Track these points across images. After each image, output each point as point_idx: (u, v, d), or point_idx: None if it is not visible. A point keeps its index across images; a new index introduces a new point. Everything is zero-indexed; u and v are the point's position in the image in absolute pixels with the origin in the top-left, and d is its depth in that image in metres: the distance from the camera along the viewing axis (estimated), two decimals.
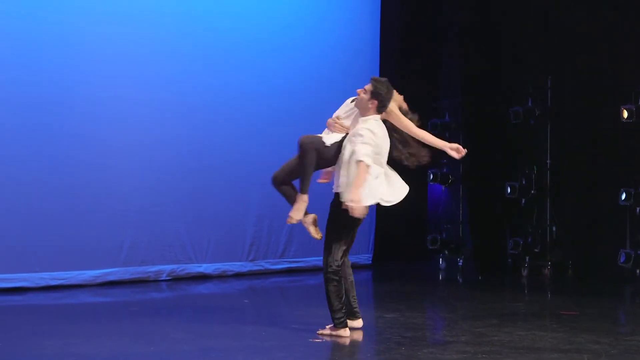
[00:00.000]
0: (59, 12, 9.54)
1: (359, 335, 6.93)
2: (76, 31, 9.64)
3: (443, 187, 12.71)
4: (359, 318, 7.08)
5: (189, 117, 10.50)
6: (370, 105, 6.77)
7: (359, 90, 6.89)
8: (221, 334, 6.99)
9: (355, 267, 11.76)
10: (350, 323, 6.91)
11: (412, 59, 12.64)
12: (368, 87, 6.80)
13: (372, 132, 6.65)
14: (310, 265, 11.43)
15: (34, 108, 9.33)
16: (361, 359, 6.44)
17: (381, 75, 12.24)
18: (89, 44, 9.72)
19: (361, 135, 6.63)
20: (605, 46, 11.14)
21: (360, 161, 6.56)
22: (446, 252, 12.47)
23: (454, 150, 6.87)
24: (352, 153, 6.65)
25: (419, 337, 6.79)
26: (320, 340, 6.69)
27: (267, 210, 11.05)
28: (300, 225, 11.33)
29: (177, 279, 10.33)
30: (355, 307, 7.06)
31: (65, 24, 9.58)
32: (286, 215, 11.26)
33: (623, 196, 10.45)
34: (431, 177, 12.56)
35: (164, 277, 10.27)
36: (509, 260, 11.71)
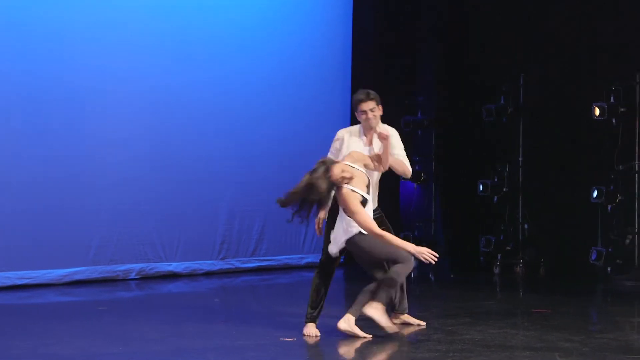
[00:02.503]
0: (31, 5, 9.40)
1: (332, 334, 6.88)
2: (47, 25, 9.50)
3: (415, 185, 12.68)
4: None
5: (158, 114, 10.38)
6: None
7: (370, 114, 6.96)
8: (192, 334, 6.91)
9: None
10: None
11: (386, 56, 12.60)
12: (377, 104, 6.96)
13: None
14: (281, 263, 11.36)
15: None
16: (333, 357, 6.39)
17: (355, 73, 12.23)
18: (58, 37, 9.58)
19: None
20: (578, 44, 11.16)
21: None
22: None
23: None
24: None
25: (390, 335, 6.74)
26: (291, 339, 6.63)
27: (238, 208, 10.97)
28: (271, 223, 11.34)
29: (146, 278, 10.22)
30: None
31: (38, 18, 9.44)
32: (258, 213, 11.26)
33: (595, 194, 10.48)
34: None
35: (133, 276, 10.16)
36: (481, 258, 11.70)
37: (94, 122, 9.84)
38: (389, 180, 12.75)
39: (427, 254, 6.42)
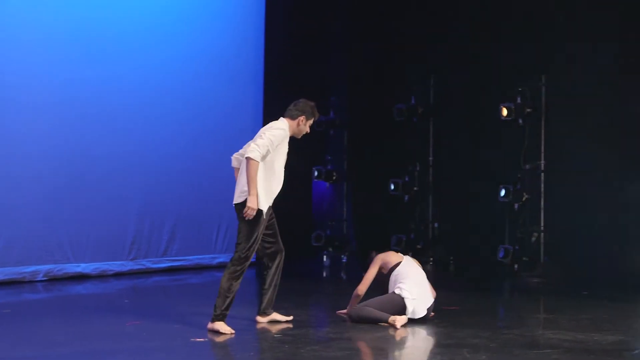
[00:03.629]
0: None
1: (242, 334, 6.85)
2: None
3: (327, 184, 12.73)
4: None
5: (67, 109, 10.14)
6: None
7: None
8: (101, 336, 6.80)
9: None
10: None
11: (298, 56, 12.61)
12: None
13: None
14: (192, 263, 11.27)
15: None
16: (244, 357, 6.36)
17: (267, 72, 12.21)
18: None
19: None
20: (486, 45, 11.35)
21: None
22: (330, 249, 12.50)
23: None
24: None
25: (302, 334, 6.76)
26: (202, 340, 6.58)
27: (149, 207, 10.83)
28: (183, 222, 11.24)
29: (54, 280, 10.00)
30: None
31: None
32: (169, 212, 11.14)
33: (502, 193, 10.69)
34: (316, 174, 12.57)
35: (40, 277, 9.92)
36: None
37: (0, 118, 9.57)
38: (302, 180, 12.87)
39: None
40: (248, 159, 6.84)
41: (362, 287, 7.33)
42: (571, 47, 10.66)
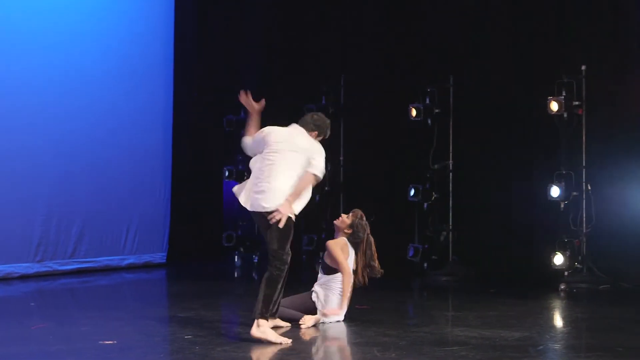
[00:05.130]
0: None
1: (153, 335, 6.77)
2: None
3: (238, 185, 12.66)
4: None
5: None
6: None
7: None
8: (5, 339, 6.66)
9: (150, 266, 11.64)
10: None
11: (208, 56, 12.52)
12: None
13: None
14: (102, 265, 11.09)
15: None
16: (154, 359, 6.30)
17: (177, 72, 12.09)
18: None
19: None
20: (397, 46, 11.47)
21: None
22: (242, 250, 12.44)
23: None
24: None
25: (213, 335, 6.72)
26: (111, 342, 6.48)
27: (56, 208, 10.60)
28: (91, 223, 11.04)
29: None
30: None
31: None
32: (77, 212, 10.93)
33: (412, 192, 10.82)
34: (227, 174, 12.49)
35: None
36: (304, 256, 11.82)
37: None
38: (212, 180, 12.78)
39: None
40: (315, 175, 6.95)
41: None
42: (479, 48, 10.86)
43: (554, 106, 9.65)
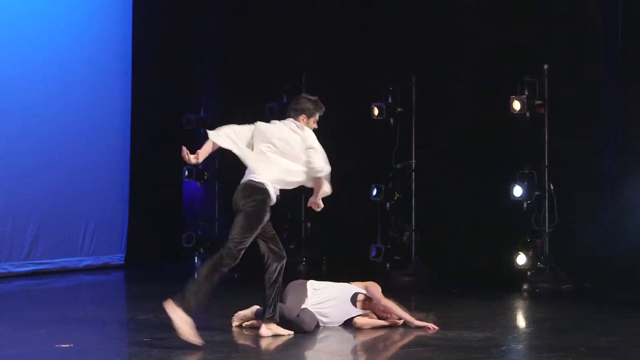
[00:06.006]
0: None
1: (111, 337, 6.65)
2: None
3: (198, 184, 12.55)
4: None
5: None
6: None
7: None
8: None
9: (108, 267, 11.49)
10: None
11: (168, 53, 12.39)
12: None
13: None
14: (58, 267, 10.91)
15: None
16: None
17: (135, 69, 11.94)
18: None
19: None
20: (358, 45, 11.43)
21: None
22: (201, 250, 12.33)
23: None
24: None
25: (171, 338, 6.60)
26: (68, 346, 6.35)
27: (10, 208, 10.39)
28: (47, 224, 10.85)
29: None
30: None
31: None
32: (32, 213, 10.73)
33: (374, 192, 10.77)
34: (186, 173, 12.37)
35: None
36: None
37: None
38: (172, 180, 12.64)
39: None
40: (322, 176, 6.81)
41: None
42: (441, 48, 10.85)
43: (517, 105, 9.66)
